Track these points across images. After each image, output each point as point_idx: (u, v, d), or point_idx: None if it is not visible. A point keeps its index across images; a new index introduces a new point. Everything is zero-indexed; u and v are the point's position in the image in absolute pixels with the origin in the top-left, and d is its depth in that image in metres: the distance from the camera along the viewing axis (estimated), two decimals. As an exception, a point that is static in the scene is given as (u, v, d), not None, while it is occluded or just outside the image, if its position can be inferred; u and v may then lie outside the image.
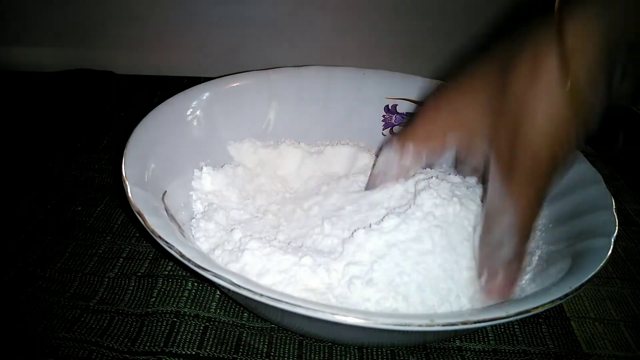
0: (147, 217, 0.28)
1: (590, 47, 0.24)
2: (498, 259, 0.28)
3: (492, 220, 0.29)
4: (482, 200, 0.33)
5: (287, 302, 0.24)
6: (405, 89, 0.46)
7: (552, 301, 0.25)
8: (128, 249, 0.39)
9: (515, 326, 0.34)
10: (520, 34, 0.27)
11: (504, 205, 0.27)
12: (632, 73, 0.26)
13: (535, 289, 0.30)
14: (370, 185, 0.37)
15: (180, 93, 0.41)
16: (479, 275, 0.30)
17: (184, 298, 0.34)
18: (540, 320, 0.35)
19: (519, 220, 0.27)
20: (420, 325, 0.23)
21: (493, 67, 0.28)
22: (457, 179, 0.35)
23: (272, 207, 0.39)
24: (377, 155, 0.37)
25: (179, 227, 0.33)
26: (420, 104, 0.34)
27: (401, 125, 0.35)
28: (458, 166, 0.37)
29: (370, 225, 0.33)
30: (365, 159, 0.44)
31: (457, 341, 0.33)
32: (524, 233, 0.28)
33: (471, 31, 0.62)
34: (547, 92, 0.25)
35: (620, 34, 0.24)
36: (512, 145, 0.26)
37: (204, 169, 0.40)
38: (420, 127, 0.33)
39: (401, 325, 0.23)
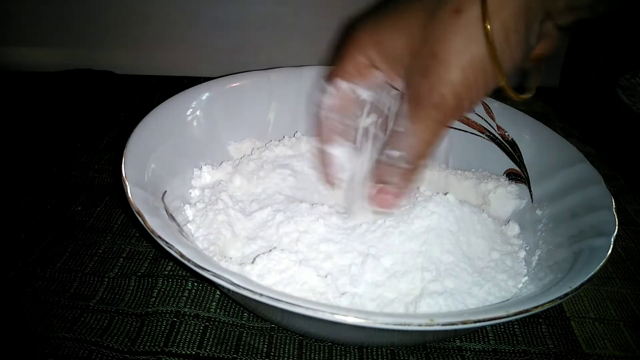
0: (147, 217, 0.28)
1: (508, 8, 0.26)
2: (391, 172, 0.31)
3: (395, 138, 0.31)
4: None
5: (287, 302, 0.24)
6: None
7: (552, 301, 0.25)
8: (128, 249, 0.39)
9: (515, 326, 0.34)
10: None
11: (407, 128, 0.30)
12: (547, 36, 0.29)
13: (535, 289, 0.30)
14: (318, 131, 0.37)
15: (180, 93, 0.41)
16: (372, 182, 0.33)
17: (184, 298, 0.34)
18: (540, 320, 0.35)
19: (416, 143, 0.30)
20: (420, 325, 0.23)
21: (421, 6, 0.30)
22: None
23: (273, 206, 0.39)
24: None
25: (179, 227, 0.33)
26: (346, 37, 0.34)
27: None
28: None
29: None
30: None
31: (457, 341, 0.33)
32: (419, 154, 0.30)
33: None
34: (464, 40, 0.27)
35: (535, 2, 0.27)
36: (423, 79, 0.29)
37: (203, 168, 0.40)
38: (347, 63, 0.34)
39: (401, 324, 0.23)
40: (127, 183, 0.30)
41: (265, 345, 0.32)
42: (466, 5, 0.27)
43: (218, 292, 0.35)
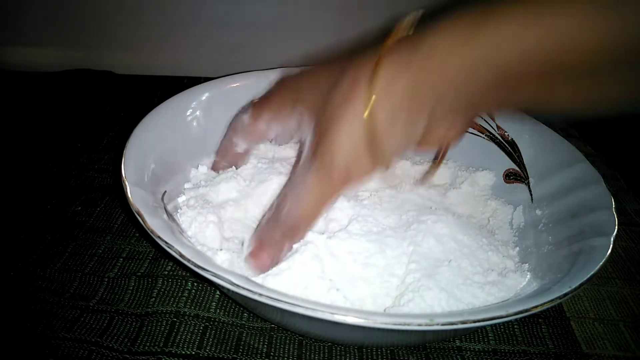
0: (146, 217, 0.28)
1: (394, 93, 0.26)
2: (271, 233, 0.30)
3: (284, 198, 0.31)
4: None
5: (287, 302, 0.24)
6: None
7: (552, 300, 0.25)
8: (128, 249, 0.39)
9: (515, 326, 0.34)
10: (366, 50, 0.29)
11: (297, 188, 0.30)
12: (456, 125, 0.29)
13: (535, 289, 0.30)
14: (220, 148, 0.40)
15: (180, 93, 0.41)
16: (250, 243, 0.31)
17: (184, 298, 0.34)
18: (540, 320, 0.35)
19: (302, 208, 0.30)
20: (419, 325, 0.23)
21: (335, 69, 0.31)
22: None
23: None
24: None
25: (179, 227, 0.33)
26: (279, 80, 0.38)
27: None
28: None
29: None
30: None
31: (457, 341, 0.33)
32: (302, 223, 0.30)
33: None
34: (350, 116, 0.27)
35: (428, 88, 0.26)
36: (318, 143, 0.29)
37: (200, 168, 0.40)
38: (275, 98, 0.37)
39: (400, 324, 0.23)
40: (126, 183, 0.30)
41: (265, 345, 0.32)
42: (357, 84, 0.27)
43: (218, 292, 0.35)
